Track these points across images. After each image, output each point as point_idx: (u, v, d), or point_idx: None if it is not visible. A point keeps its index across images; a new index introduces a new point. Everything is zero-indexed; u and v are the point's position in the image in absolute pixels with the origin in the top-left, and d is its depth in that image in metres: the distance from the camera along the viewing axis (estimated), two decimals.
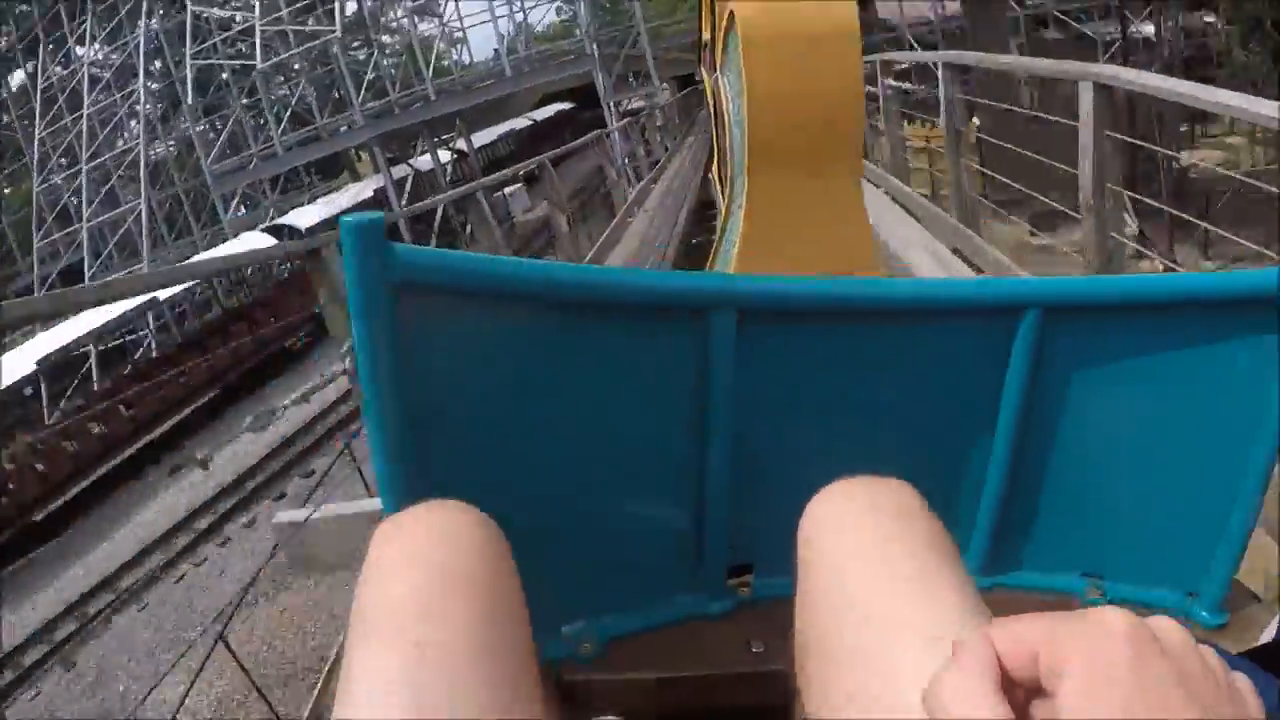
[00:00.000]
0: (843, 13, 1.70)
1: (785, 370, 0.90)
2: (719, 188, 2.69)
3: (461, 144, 20.82)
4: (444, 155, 20.80)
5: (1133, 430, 0.97)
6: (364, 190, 19.90)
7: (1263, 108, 2.06)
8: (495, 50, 20.61)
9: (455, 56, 23.71)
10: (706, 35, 2.33)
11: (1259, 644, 0.80)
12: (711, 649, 0.92)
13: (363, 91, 19.52)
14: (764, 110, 1.82)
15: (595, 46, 18.18)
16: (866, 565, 0.55)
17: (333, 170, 25.44)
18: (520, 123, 28.17)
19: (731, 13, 1.76)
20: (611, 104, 17.84)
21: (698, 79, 2.73)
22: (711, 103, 2.49)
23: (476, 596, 0.52)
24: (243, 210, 21.70)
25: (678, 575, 0.95)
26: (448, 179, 19.49)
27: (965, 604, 0.50)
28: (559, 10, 25.20)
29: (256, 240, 15.66)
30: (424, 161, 20.32)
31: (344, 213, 1.27)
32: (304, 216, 17.02)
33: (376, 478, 0.73)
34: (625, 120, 14.80)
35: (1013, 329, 0.90)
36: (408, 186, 19.17)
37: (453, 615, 0.49)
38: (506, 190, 18.42)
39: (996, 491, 0.98)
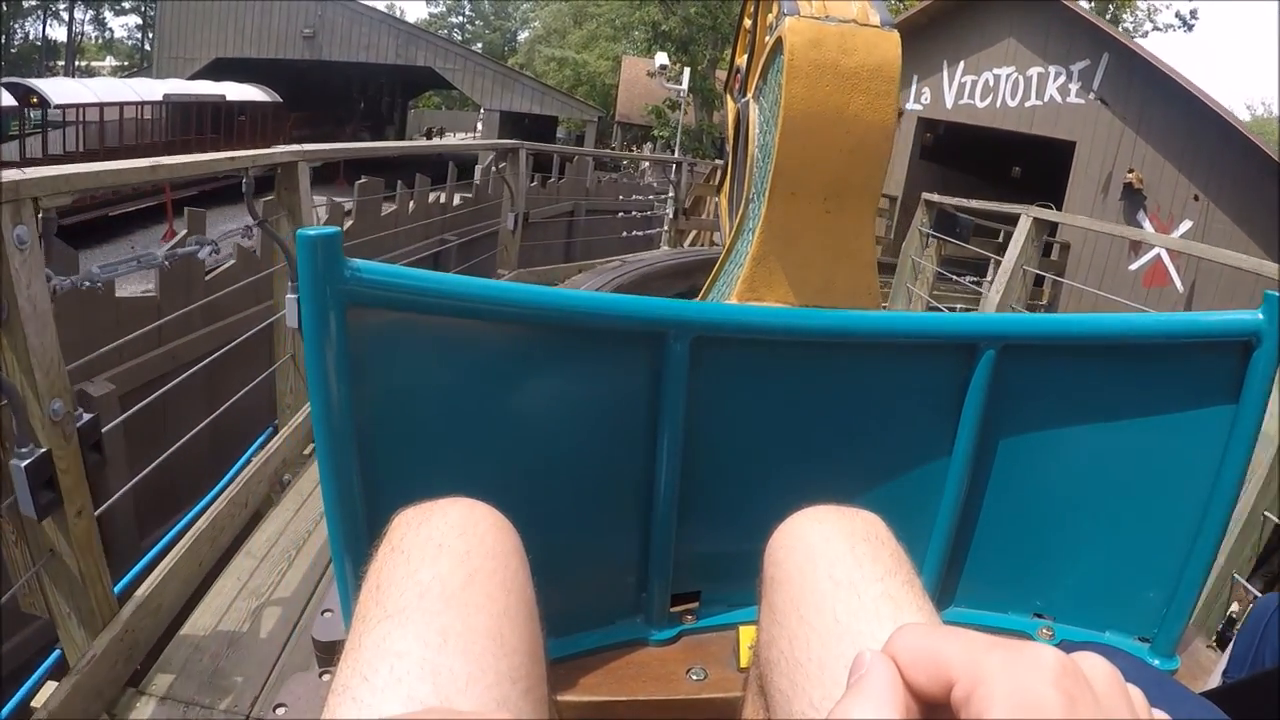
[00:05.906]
0: (887, 51, 1.74)
1: (739, 400, 0.89)
2: (728, 210, 2.74)
3: None
4: None
5: (1089, 471, 0.95)
6: None
7: None
8: None
9: None
10: (740, 60, 2.39)
11: (1210, 688, 0.83)
12: (651, 675, 0.91)
13: None
14: (796, 136, 1.85)
15: None
16: (835, 585, 0.56)
17: None
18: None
19: (780, 37, 1.80)
20: None
21: (722, 103, 2.76)
22: (733, 127, 2.54)
23: (495, 589, 0.53)
24: None
25: (623, 600, 0.95)
26: None
27: None
28: None
29: None
30: None
31: None
32: None
33: (322, 490, 0.72)
34: None
35: (970, 365, 0.90)
36: None
37: (474, 606, 0.51)
38: None
39: (949, 526, 0.97)
